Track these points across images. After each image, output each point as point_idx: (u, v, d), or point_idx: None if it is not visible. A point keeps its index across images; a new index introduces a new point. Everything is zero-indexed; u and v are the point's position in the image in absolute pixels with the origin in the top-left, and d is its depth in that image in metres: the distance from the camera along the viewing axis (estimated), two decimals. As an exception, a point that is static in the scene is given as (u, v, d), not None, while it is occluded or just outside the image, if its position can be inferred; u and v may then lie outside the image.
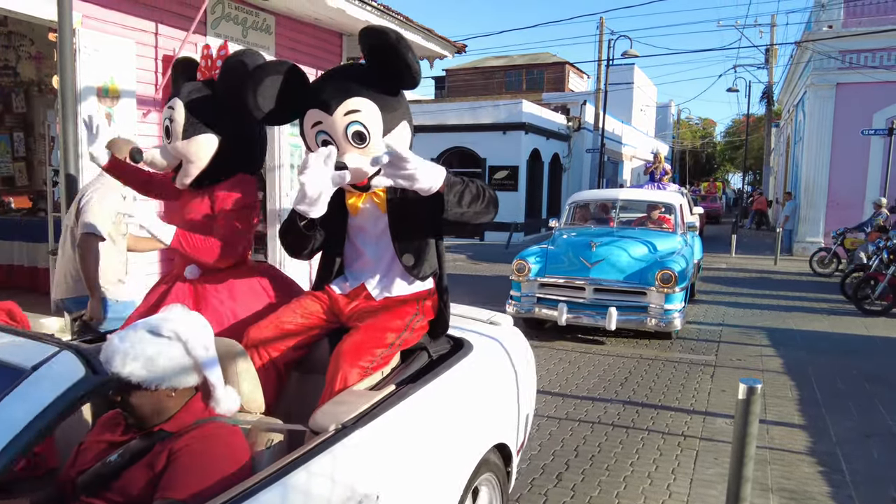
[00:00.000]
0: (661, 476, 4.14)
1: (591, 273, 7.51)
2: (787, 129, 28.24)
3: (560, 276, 7.69)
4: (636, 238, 8.17)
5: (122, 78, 6.93)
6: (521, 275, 7.79)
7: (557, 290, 7.69)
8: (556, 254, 7.96)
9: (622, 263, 7.55)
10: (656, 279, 7.22)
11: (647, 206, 9.55)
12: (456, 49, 11.34)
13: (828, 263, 14.31)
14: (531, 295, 7.77)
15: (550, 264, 7.81)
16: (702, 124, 63.15)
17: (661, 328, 7.23)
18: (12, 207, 9.52)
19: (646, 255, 7.72)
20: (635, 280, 7.41)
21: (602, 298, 7.46)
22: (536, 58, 36.17)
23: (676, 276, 7.20)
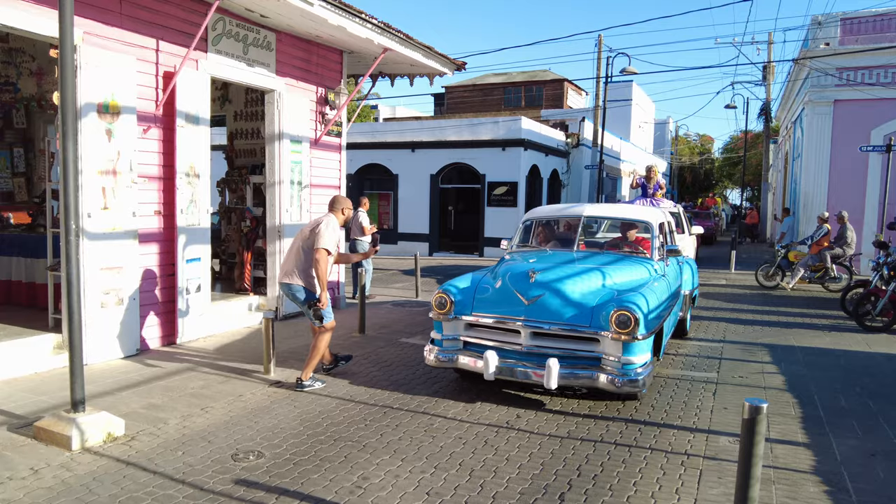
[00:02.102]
0: (665, 496, 4.08)
1: (528, 311, 5.74)
2: (785, 145, 28.34)
3: (489, 315, 5.92)
4: (594, 266, 6.39)
5: (122, 94, 6.95)
6: (442, 312, 6.02)
7: (488, 332, 6.00)
8: (487, 285, 6.18)
9: (568, 299, 5.74)
10: (611, 322, 5.42)
11: (622, 225, 8.07)
12: (456, 66, 11.39)
13: (772, 276, 14.65)
14: (455, 338, 6.08)
15: (479, 299, 6.05)
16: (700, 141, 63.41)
17: (619, 387, 5.40)
18: (11, 223, 9.50)
19: (599, 289, 5.90)
20: (583, 322, 5.60)
21: (543, 346, 5.71)
22: (535, 75, 36.36)
23: (637, 319, 5.33)
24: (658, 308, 5.95)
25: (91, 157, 6.67)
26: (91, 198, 6.70)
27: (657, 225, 7.46)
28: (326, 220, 6.22)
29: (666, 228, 8.06)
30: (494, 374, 5.67)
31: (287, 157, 9.40)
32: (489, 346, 5.89)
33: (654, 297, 5.91)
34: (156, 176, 7.55)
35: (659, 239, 7.37)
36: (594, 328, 5.55)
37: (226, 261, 11.46)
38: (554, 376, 5.43)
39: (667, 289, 6.68)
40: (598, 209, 8.13)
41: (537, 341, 5.75)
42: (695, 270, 9.58)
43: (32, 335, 6.87)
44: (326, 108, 10.27)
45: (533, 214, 7.95)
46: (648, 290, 6.00)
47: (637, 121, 39.93)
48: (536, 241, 7.75)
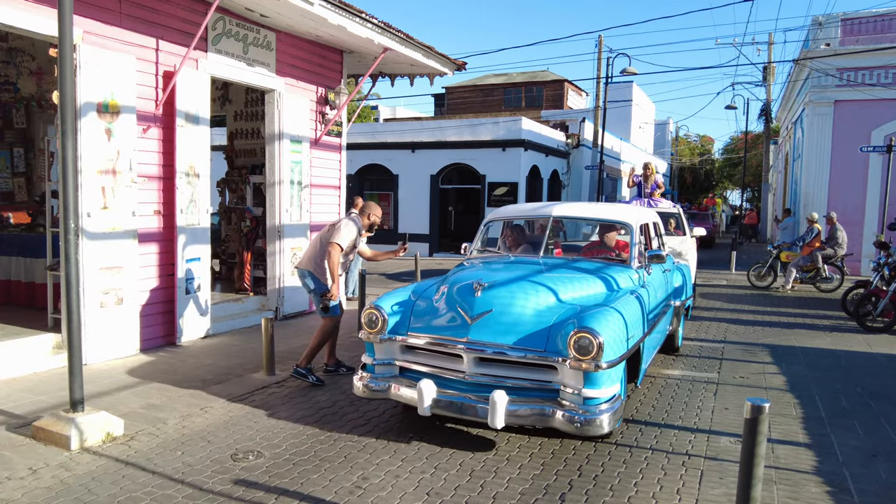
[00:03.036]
0: (666, 496, 4.07)
1: (471, 332, 4.72)
2: (785, 146, 28.34)
3: (426, 336, 4.91)
4: (557, 276, 5.43)
5: (122, 94, 6.93)
6: (373, 331, 5.04)
7: (427, 356, 4.99)
8: (427, 299, 5.24)
9: (520, 317, 4.76)
10: (569, 346, 4.38)
11: (600, 227, 7.06)
12: (456, 66, 11.38)
13: (764, 276, 14.68)
14: (390, 362, 5.10)
15: (417, 316, 5.08)
16: (700, 141, 63.41)
17: (578, 428, 4.35)
18: (11, 223, 9.49)
19: (560, 305, 4.91)
20: (538, 345, 4.59)
21: (490, 374, 4.71)
22: (535, 76, 36.36)
23: (601, 343, 4.30)
24: (633, 327, 4.90)
25: (91, 156, 6.66)
26: (91, 197, 6.68)
27: (638, 227, 6.35)
28: (347, 220, 6.55)
29: (651, 230, 7.03)
30: (430, 408, 4.64)
31: (287, 157, 9.39)
32: (428, 373, 4.89)
33: (627, 314, 4.86)
34: (155, 175, 7.53)
35: (639, 244, 6.29)
36: (550, 353, 4.52)
37: (225, 261, 11.45)
38: (499, 413, 4.39)
39: (647, 302, 5.63)
40: (570, 209, 6.86)
41: (483, 368, 4.72)
42: (688, 277, 8.38)
43: (31, 335, 6.86)
44: (326, 108, 10.26)
45: (496, 215, 6.91)
46: (621, 304, 4.98)
47: (637, 121, 39.92)
48: (505, 244, 6.85)
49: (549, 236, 6.38)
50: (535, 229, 7.16)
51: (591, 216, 7.02)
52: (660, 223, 7.73)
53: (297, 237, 9.60)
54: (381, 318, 5.05)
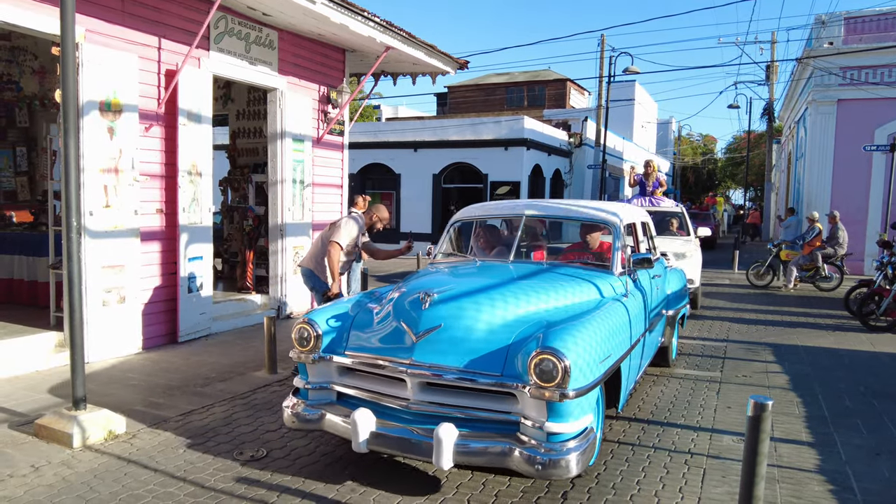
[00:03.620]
0: (669, 495, 4.06)
1: (416, 351, 3.98)
2: (788, 145, 28.30)
3: (365, 355, 4.19)
4: (523, 284, 4.67)
5: (124, 92, 6.94)
6: (305, 350, 4.31)
7: (368, 380, 4.25)
8: (370, 312, 4.52)
9: (474, 334, 4.01)
10: (529, 370, 3.64)
11: (581, 227, 6.04)
12: (458, 65, 11.37)
13: (763, 275, 14.65)
14: (326, 386, 4.33)
15: (357, 331, 4.36)
16: (702, 141, 63.34)
17: (539, 470, 3.57)
18: (13, 222, 9.50)
19: (523, 319, 4.17)
20: (493, 368, 3.83)
21: (436, 402, 3.95)
22: (538, 75, 36.35)
23: (566, 368, 3.56)
24: (610, 344, 4.19)
25: (93, 155, 6.66)
26: (93, 196, 6.69)
27: (622, 227, 5.58)
28: (348, 218, 6.60)
29: (639, 231, 6.35)
30: (366, 444, 3.89)
31: (289, 155, 9.39)
32: (368, 400, 4.17)
33: (603, 329, 4.15)
34: (158, 174, 7.54)
35: (624, 247, 5.50)
36: (508, 378, 3.75)
37: (228, 260, 11.46)
38: (446, 452, 3.64)
39: (631, 314, 4.90)
40: (544, 207, 6.06)
41: (430, 395, 3.96)
42: (682, 283, 7.64)
43: (34, 333, 6.87)
44: (329, 107, 10.26)
45: (463, 214, 6.16)
46: (597, 318, 4.25)
47: (640, 121, 39.90)
48: (476, 246, 6.04)
49: (524, 238, 5.84)
50: (511, 230, 6.28)
51: (568, 215, 6.13)
52: (650, 223, 6.98)
53: (299, 236, 9.60)
54: (313, 335, 4.30)
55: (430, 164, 23.34)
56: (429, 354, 3.97)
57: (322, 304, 6.38)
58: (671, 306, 6.92)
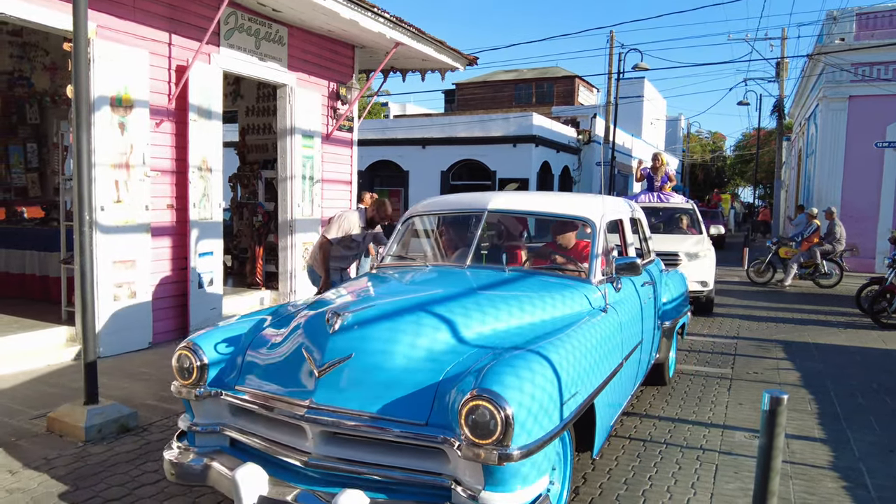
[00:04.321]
0: (681, 490, 4.04)
1: (317, 390, 3.07)
2: (798, 142, 28.14)
3: (258, 392, 3.28)
4: (473, 298, 3.72)
5: (135, 88, 6.95)
6: (187, 382, 3.41)
7: (263, 423, 3.30)
8: (269, 336, 3.59)
9: (394, 367, 3.09)
10: (460, 420, 2.74)
11: (553, 226, 5.09)
12: (468, 61, 11.35)
13: (764, 272, 14.53)
14: (214, 429, 3.42)
15: (253, 360, 3.46)
16: (711, 138, 63.06)
17: None
18: (25, 217, 9.55)
19: (459, 346, 3.24)
20: (415, 415, 2.93)
21: (344, 458, 3.02)
22: (546, 72, 36.25)
23: (508, 418, 2.67)
24: (577, 378, 3.19)
25: (104, 150, 6.68)
26: (104, 191, 6.71)
27: (603, 224, 4.65)
28: (346, 212, 6.62)
29: (626, 229, 5.38)
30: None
31: (299, 151, 9.39)
32: (262, 451, 3.23)
33: (567, 359, 3.15)
34: (168, 170, 7.56)
35: (605, 251, 4.56)
36: (435, 429, 2.82)
37: (237, 256, 11.49)
38: None
39: (610, 334, 3.93)
40: (511, 201, 5.02)
41: (335, 448, 3.02)
42: (682, 288, 6.70)
43: (46, 328, 6.90)
44: (338, 103, 10.25)
45: (418, 209, 5.27)
46: (561, 343, 3.26)
47: (649, 117, 39.76)
48: (436, 247, 5.25)
49: (486, 238, 4.93)
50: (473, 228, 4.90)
51: (538, 210, 5.13)
52: (642, 219, 6.14)
53: (308, 232, 9.60)
54: (196, 364, 3.39)
55: (439, 161, 23.33)
56: (334, 394, 3.00)
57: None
58: (668, 316, 5.94)
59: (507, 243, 5.28)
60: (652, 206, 11.53)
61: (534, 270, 4.69)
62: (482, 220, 4.72)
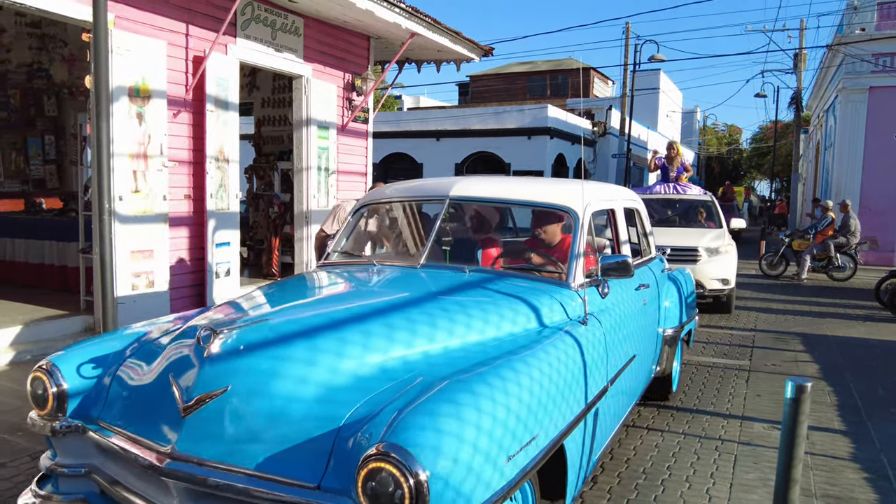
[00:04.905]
0: (700, 480, 4.02)
1: (181, 436, 2.35)
2: (816, 134, 27.85)
3: (118, 431, 2.60)
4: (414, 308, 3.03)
5: (153, 78, 6.98)
6: (42, 412, 2.79)
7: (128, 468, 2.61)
8: (142, 357, 2.90)
9: (283, 406, 2.34)
10: (357, 485, 1.98)
11: (533, 217, 4.32)
12: (483, 52, 11.31)
13: (776, 265, 14.38)
14: (79, 471, 2.73)
15: (118, 389, 2.79)
16: (728, 131, 62.55)
17: None
18: (44, 208, 9.64)
19: (377, 375, 2.51)
20: (304, 475, 2.16)
21: None
22: (560, 63, 36.09)
23: (420, 489, 1.92)
24: (540, 415, 2.51)
25: (122, 140, 6.72)
26: (122, 181, 6.74)
27: (586, 216, 3.84)
28: (339, 203, 6.69)
29: (619, 222, 4.54)
30: None
31: (314, 143, 9.40)
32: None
33: (520, 393, 2.44)
34: (186, 160, 7.59)
35: (594, 249, 4.03)
36: (328, 496, 2.12)
37: (253, 247, 11.55)
38: None
39: (589, 352, 3.18)
40: (479, 187, 4.28)
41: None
42: (689, 289, 5.95)
43: (64, 317, 6.97)
44: (353, 95, 10.25)
45: (373, 196, 4.61)
46: (514, 371, 2.53)
47: (665, 110, 39.49)
48: (393, 241, 4.70)
49: (448, 231, 4.16)
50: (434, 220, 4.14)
51: (507, 197, 4.34)
52: (641, 209, 5.34)
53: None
54: (51, 391, 2.75)
55: (453, 154, 23.29)
56: (200, 442, 2.31)
57: None
58: (671, 322, 5.23)
59: (476, 237, 4.50)
60: (667, 197, 11.09)
61: (501, 272, 3.87)
62: (443, 210, 3.98)
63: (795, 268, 14.00)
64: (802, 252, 13.92)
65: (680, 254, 8.97)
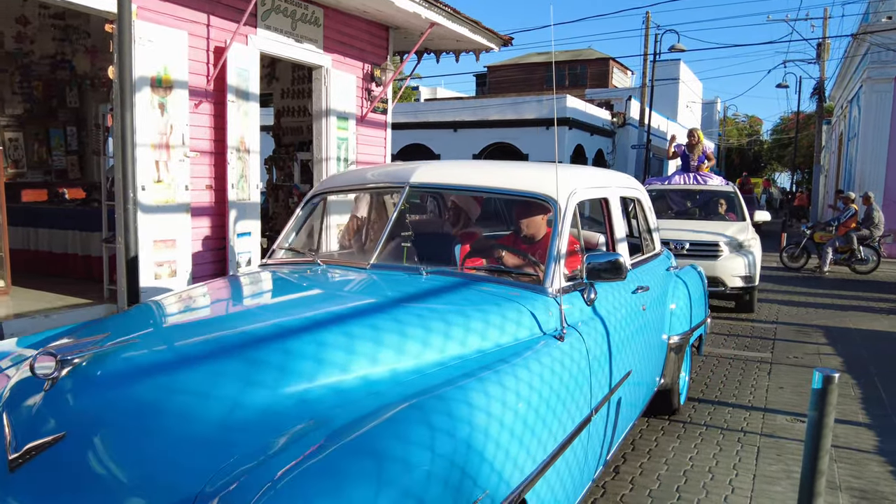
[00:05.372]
0: (723, 471, 4.00)
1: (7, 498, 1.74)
2: (839, 125, 27.47)
3: None
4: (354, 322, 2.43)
5: (174, 68, 7.01)
6: None
7: None
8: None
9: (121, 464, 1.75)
10: None
11: (514, 208, 3.76)
12: (502, 42, 11.25)
13: (798, 257, 14.15)
14: None
15: None
16: (748, 122, 61.89)
17: None
18: (66, 198, 9.75)
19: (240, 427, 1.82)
20: None
21: None
22: (579, 54, 35.86)
23: None
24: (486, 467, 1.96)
25: (144, 130, 6.76)
26: (144, 171, 6.79)
27: (568, 207, 3.28)
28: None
29: (614, 213, 3.89)
30: None
31: (334, 133, 9.42)
32: None
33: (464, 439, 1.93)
34: (207, 150, 7.63)
35: (580, 249, 3.41)
36: None
37: (273, 238, 11.60)
38: None
39: (566, 376, 2.64)
40: (443, 172, 3.72)
41: None
42: (698, 290, 5.21)
43: (88, 305, 7.05)
44: (372, 85, 10.25)
45: (324, 185, 4.04)
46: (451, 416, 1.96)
47: (685, 100, 39.11)
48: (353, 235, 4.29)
49: (407, 224, 3.66)
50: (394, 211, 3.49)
51: (477, 184, 3.66)
52: (642, 199, 4.74)
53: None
54: None
55: (470, 145, 23.23)
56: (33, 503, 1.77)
57: None
58: (679, 327, 4.63)
59: (454, 231, 3.94)
60: (687, 188, 10.66)
61: (467, 275, 3.23)
62: (401, 199, 3.42)
63: (817, 260, 13.84)
64: (824, 244, 13.75)
65: (699, 249, 8.61)
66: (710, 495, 3.69)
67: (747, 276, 8.72)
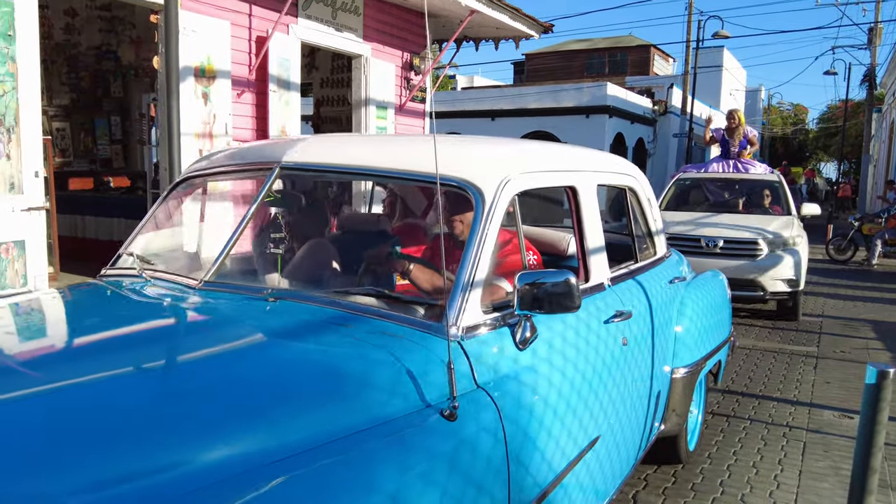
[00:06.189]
0: (768, 466, 3.93)
1: None
2: (890, 113, 26.61)
3: None
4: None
5: (218, 58, 7.10)
6: None
7: None
8: None
9: None
10: None
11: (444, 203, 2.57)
12: (543, 28, 11.14)
13: (844, 250, 13.77)
14: None
15: None
16: (793, 110, 60.36)
17: None
18: (111, 187, 9.97)
19: None
20: None
21: None
22: (619, 41, 35.35)
23: None
24: None
25: (188, 120, 6.85)
26: (188, 160, 6.86)
27: (499, 197, 2.28)
28: None
29: (587, 209, 2.84)
30: None
31: (373, 123, 9.44)
32: None
33: None
34: (249, 140, 7.71)
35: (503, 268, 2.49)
36: None
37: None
38: None
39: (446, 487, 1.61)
40: (327, 149, 2.76)
41: None
42: (716, 304, 4.04)
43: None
44: (411, 74, 10.24)
45: (190, 169, 3.21)
46: None
47: (728, 88, 38.29)
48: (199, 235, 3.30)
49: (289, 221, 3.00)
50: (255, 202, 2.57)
51: (368, 164, 2.63)
52: (640, 189, 3.67)
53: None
54: None
55: (508, 133, 23.07)
56: None
57: None
58: (685, 357, 3.49)
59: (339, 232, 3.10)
60: (725, 177, 9.69)
61: (332, 302, 2.22)
62: (265, 186, 2.54)
63: (865, 253, 13.45)
64: (873, 236, 13.35)
65: (734, 247, 7.73)
66: (754, 490, 3.63)
67: (792, 279, 7.64)
